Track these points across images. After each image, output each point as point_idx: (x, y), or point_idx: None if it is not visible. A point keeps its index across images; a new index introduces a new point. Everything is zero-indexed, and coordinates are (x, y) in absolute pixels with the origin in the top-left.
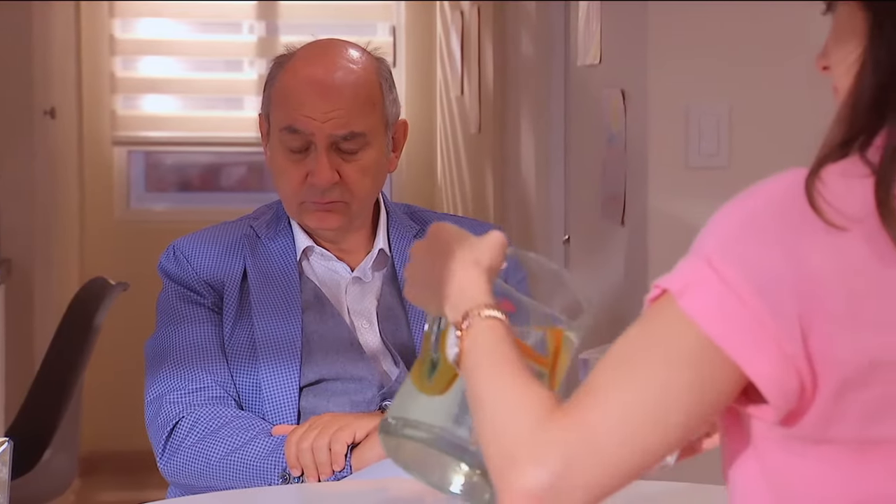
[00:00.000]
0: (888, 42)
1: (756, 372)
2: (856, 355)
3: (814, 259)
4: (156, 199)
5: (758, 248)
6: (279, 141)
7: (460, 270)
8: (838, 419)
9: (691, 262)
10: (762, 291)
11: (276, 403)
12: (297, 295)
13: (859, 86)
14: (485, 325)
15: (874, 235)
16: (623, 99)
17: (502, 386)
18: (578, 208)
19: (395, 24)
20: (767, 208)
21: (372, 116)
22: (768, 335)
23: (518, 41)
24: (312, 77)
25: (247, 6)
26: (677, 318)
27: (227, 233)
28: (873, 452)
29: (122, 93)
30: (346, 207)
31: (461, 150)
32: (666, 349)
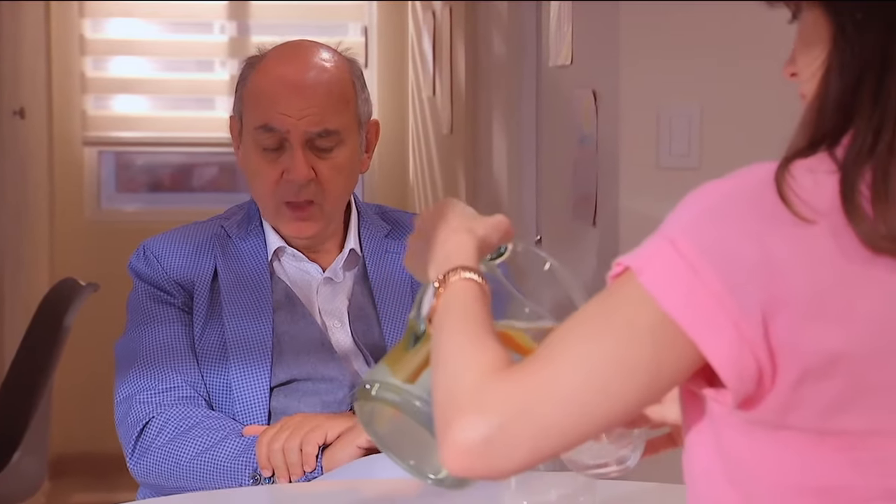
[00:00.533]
0: (851, 46)
1: (712, 351)
2: (818, 346)
3: (780, 249)
4: (126, 200)
5: (724, 232)
6: (253, 140)
7: (452, 236)
8: (797, 407)
9: (655, 241)
10: (725, 274)
11: (247, 404)
12: (268, 295)
13: (824, 90)
14: (461, 286)
15: (839, 230)
16: (594, 100)
17: (462, 341)
18: (550, 209)
19: (366, 24)
20: (736, 196)
21: (346, 115)
22: (728, 317)
23: (490, 42)
24: (286, 76)
25: (218, 6)
26: (637, 294)
27: (197, 233)
28: (831, 443)
29: (92, 93)
30: (320, 211)
31: (433, 151)
32: (623, 322)
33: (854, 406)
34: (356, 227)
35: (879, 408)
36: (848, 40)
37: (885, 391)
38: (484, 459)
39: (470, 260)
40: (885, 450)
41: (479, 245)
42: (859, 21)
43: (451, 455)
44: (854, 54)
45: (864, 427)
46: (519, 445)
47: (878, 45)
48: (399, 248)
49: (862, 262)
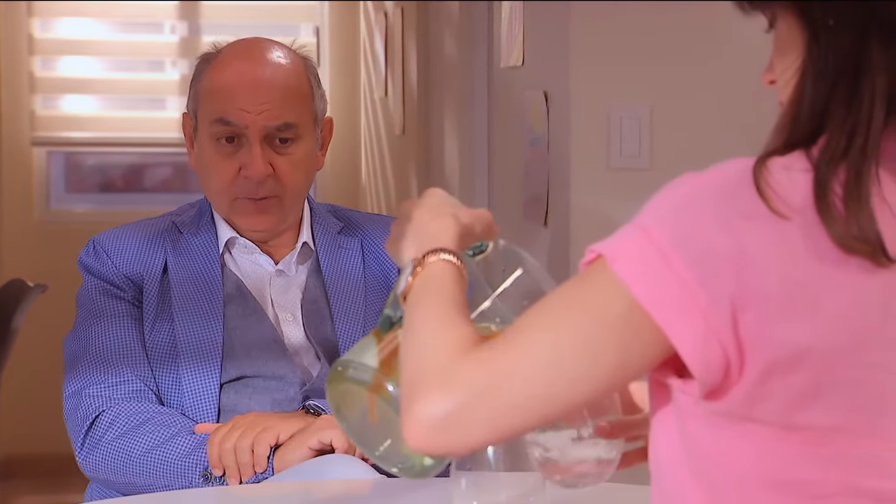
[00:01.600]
0: (825, 53)
1: (680, 340)
2: (786, 341)
3: (753, 243)
4: (76, 200)
5: (698, 223)
6: (209, 135)
7: (436, 219)
8: (763, 400)
9: (629, 229)
10: (696, 264)
11: (196, 400)
12: (219, 292)
13: (799, 96)
14: (439, 266)
15: (812, 228)
16: (545, 100)
17: (433, 320)
18: (502, 209)
19: (318, 24)
20: (713, 188)
21: (303, 110)
22: (697, 306)
23: (441, 43)
24: (242, 71)
25: (168, 6)
26: (609, 281)
27: (148, 228)
28: (794, 437)
29: (41, 93)
30: (279, 204)
31: (385, 151)
32: (593, 307)
33: (818, 402)
34: (309, 223)
35: (843, 406)
36: (821, 47)
37: (849, 389)
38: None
39: (451, 243)
40: (848, 447)
41: (462, 232)
42: (832, 27)
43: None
44: (827, 60)
45: (828, 424)
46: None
47: (851, 50)
48: (351, 245)
49: (833, 260)
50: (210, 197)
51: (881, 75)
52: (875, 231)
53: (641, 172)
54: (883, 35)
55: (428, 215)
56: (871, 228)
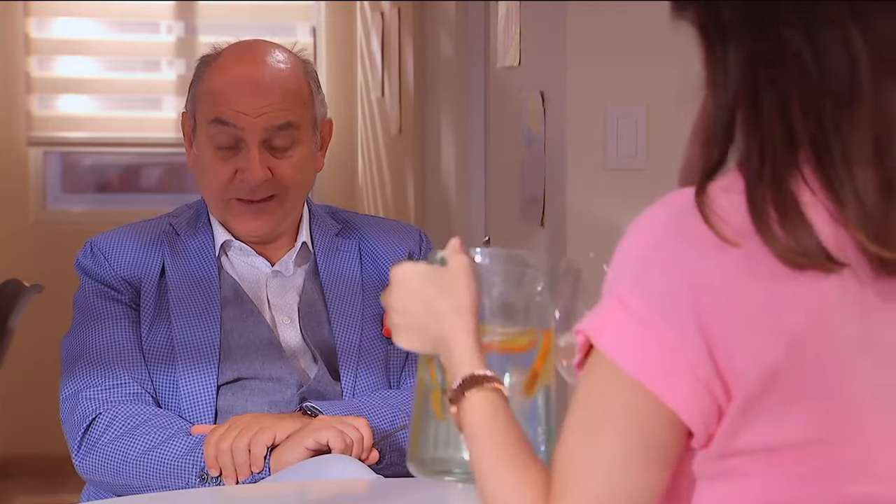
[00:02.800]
0: (721, 66)
1: (675, 401)
2: (753, 365)
3: (706, 275)
4: (73, 201)
5: (660, 275)
6: (207, 136)
7: (445, 323)
8: (744, 430)
9: (604, 302)
10: (668, 319)
11: (193, 401)
12: (216, 294)
13: (704, 109)
14: (478, 399)
15: (761, 249)
16: (542, 100)
17: (499, 470)
18: (498, 209)
19: (315, 24)
20: (660, 233)
21: (302, 113)
22: (682, 363)
23: (438, 43)
24: (242, 74)
25: (165, 6)
26: (605, 367)
27: (145, 230)
28: (777, 459)
29: (37, 93)
30: (278, 205)
31: (382, 152)
32: (609, 408)
33: (796, 418)
34: (308, 224)
35: (821, 417)
36: (716, 60)
37: (823, 400)
38: None
39: (475, 357)
40: (831, 456)
41: (471, 313)
42: (725, 40)
43: None
44: (724, 74)
45: (808, 437)
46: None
47: (747, 64)
48: (349, 247)
49: (786, 277)
50: (206, 198)
51: (776, 96)
52: (815, 242)
53: (638, 172)
54: (770, 56)
55: (430, 320)
56: (811, 241)
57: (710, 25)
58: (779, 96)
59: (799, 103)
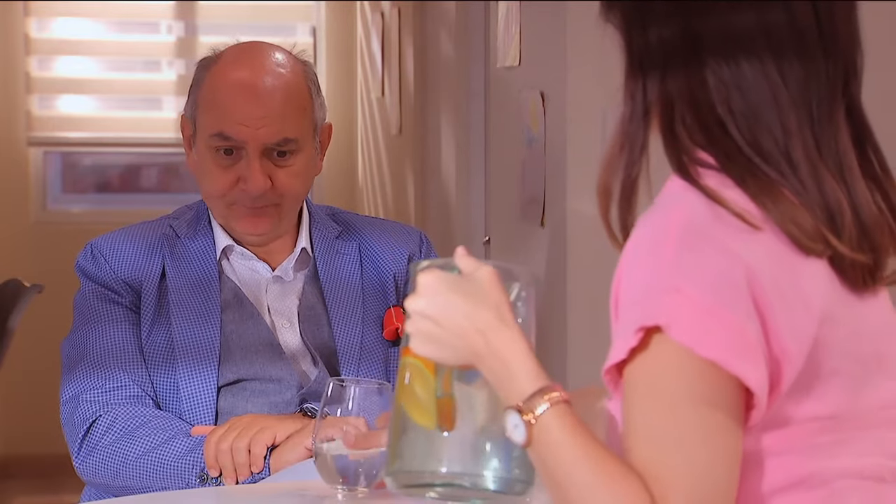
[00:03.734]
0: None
1: (755, 382)
2: (797, 345)
3: (747, 255)
4: (73, 201)
5: (707, 261)
6: (207, 147)
7: (492, 334)
8: (784, 403)
9: (659, 297)
10: (732, 304)
11: (194, 404)
12: (216, 296)
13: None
14: (554, 415)
15: (777, 233)
16: (542, 101)
17: (595, 488)
18: (498, 209)
19: (315, 24)
20: (688, 224)
21: (303, 122)
22: (752, 344)
23: (438, 43)
24: (241, 82)
25: (165, 6)
26: (676, 355)
27: (145, 232)
28: (796, 432)
29: (37, 93)
30: (276, 210)
31: (382, 152)
32: (687, 394)
33: (816, 393)
34: (307, 228)
35: (840, 392)
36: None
37: (841, 376)
38: None
39: (536, 369)
40: (850, 432)
41: (517, 326)
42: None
43: None
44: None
45: (828, 412)
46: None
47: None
48: (349, 250)
49: (800, 260)
50: (207, 201)
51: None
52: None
53: None
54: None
55: (473, 331)
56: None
57: (635, 42)
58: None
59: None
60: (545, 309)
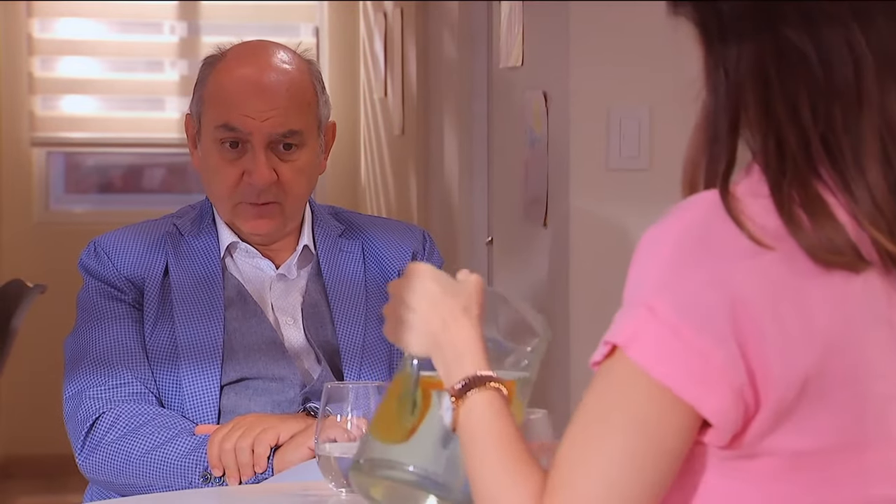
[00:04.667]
0: (721, 67)
1: (710, 411)
2: (790, 372)
3: (740, 284)
4: (76, 201)
5: (689, 283)
6: (213, 140)
7: (451, 321)
8: (773, 434)
9: (632, 311)
10: (702, 328)
11: (197, 401)
12: (219, 294)
13: (705, 109)
14: (481, 398)
15: (792, 251)
16: (545, 101)
17: (496, 468)
18: (501, 210)
19: (318, 25)
20: (688, 240)
21: (307, 117)
22: (716, 372)
23: (441, 43)
24: (247, 77)
25: (168, 6)
26: (629, 373)
27: (149, 230)
28: (800, 463)
29: (40, 93)
30: (280, 210)
31: (385, 152)
32: (625, 412)
33: (824, 422)
34: (310, 226)
35: (848, 420)
36: (717, 59)
37: (851, 403)
38: None
39: (481, 358)
40: (857, 459)
41: (480, 328)
42: (726, 39)
43: None
44: (726, 74)
45: (835, 442)
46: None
47: (750, 67)
48: (352, 248)
49: (817, 279)
50: (213, 200)
51: (787, 97)
52: (846, 239)
53: (640, 173)
54: (778, 57)
55: (438, 317)
56: (842, 238)
57: (709, 23)
58: (789, 96)
59: (808, 104)
60: (546, 309)
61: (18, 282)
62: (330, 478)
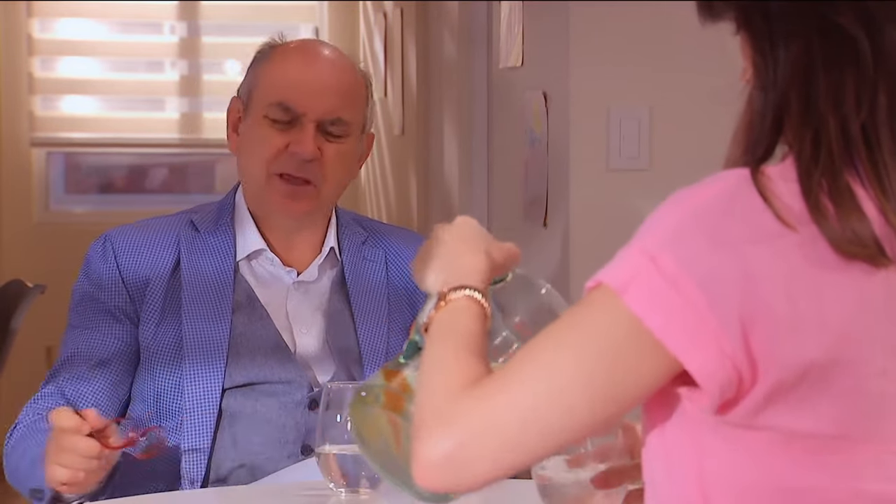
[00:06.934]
0: (771, 65)
1: (696, 367)
2: (795, 355)
3: (757, 260)
4: (76, 202)
5: (701, 245)
6: (262, 117)
7: (468, 253)
8: (769, 409)
9: (633, 256)
10: (704, 287)
11: (196, 402)
12: (229, 295)
13: (750, 104)
14: (463, 303)
15: (814, 237)
16: (545, 101)
17: (446, 358)
18: (501, 210)
19: (317, 25)
20: (711, 206)
21: (356, 112)
22: (709, 331)
23: (440, 43)
24: (308, 62)
25: (168, 6)
26: (611, 309)
27: (163, 227)
28: (798, 445)
29: (40, 93)
30: (316, 193)
31: (385, 152)
32: (593, 336)
33: (822, 410)
34: (335, 229)
35: (846, 412)
36: (766, 59)
37: (851, 396)
38: (448, 474)
39: (479, 281)
40: (851, 452)
41: (492, 269)
42: (774, 39)
43: (418, 469)
44: (773, 71)
45: (831, 431)
46: (482, 460)
47: (796, 61)
48: (375, 257)
49: (835, 268)
50: (246, 174)
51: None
52: (870, 232)
53: (641, 173)
54: (826, 45)
55: (461, 247)
56: (866, 231)
57: (756, 20)
58: (834, 85)
59: (854, 93)
60: None
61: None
62: (330, 478)
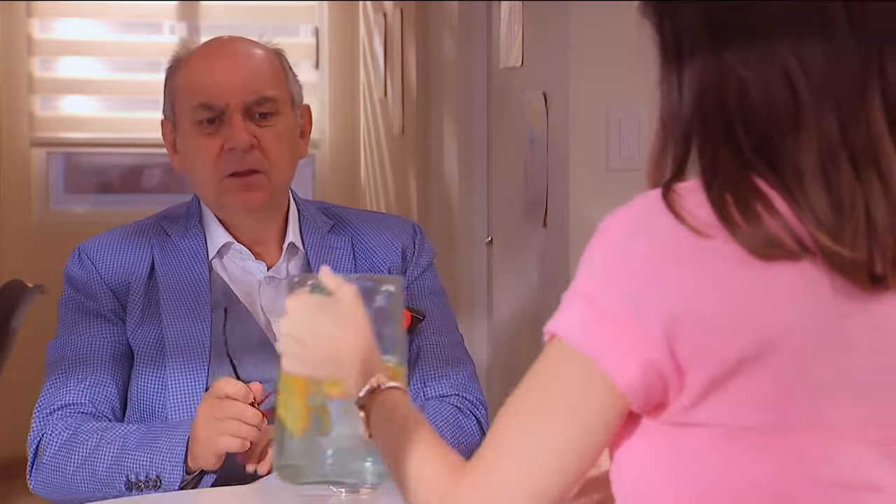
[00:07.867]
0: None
1: (619, 374)
2: (724, 355)
3: (677, 272)
4: (75, 201)
5: (625, 264)
6: (191, 124)
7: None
8: (705, 404)
9: (570, 299)
10: (626, 300)
11: (180, 402)
12: (206, 295)
13: (659, 114)
14: (383, 399)
15: (730, 240)
16: (545, 101)
17: (412, 449)
18: (501, 210)
19: (317, 25)
20: (631, 229)
21: (278, 86)
22: (631, 340)
23: (440, 43)
24: (215, 58)
25: (167, 6)
26: (557, 353)
27: (135, 231)
28: (736, 437)
29: (40, 93)
30: (266, 180)
31: (384, 152)
32: (550, 389)
33: (760, 401)
34: (297, 223)
35: (785, 403)
36: (670, 72)
37: (788, 387)
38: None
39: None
40: (799, 443)
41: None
42: (680, 56)
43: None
44: (679, 87)
45: (771, 422)
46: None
47: (696, 84)
48: (342, 244)
49: (756, 267)
50: (200, 188)
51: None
52: (785, 230)
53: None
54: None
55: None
56: (779, 231)
57: (667, 37)
58: (725, 119)
59: (743, 127)
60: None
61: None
62: None
